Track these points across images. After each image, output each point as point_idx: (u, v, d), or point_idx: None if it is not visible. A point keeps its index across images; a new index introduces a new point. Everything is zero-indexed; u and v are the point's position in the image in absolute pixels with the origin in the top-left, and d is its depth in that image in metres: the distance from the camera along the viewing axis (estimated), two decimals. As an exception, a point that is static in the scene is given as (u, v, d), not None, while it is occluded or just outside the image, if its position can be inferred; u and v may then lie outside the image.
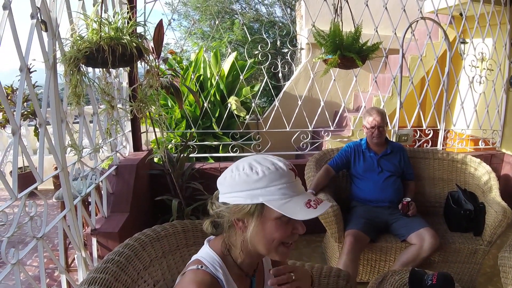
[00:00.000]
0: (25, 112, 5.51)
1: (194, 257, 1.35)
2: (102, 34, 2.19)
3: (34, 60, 2.23)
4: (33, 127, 5.72)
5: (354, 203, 3.34)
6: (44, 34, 2.25)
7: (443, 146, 4.48)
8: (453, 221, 3.20)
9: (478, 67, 4.60)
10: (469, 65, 4.54)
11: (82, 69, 2.27)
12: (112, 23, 2.28)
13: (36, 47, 2.24)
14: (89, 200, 3.07)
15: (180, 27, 13.29)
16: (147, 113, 2.69)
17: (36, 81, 5.58)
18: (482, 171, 3.46)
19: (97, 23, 2.23)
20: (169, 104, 5.92)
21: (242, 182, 1.18)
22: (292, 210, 1.16)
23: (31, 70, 5.23)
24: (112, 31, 2.25)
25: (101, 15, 2.30)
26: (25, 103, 5.56)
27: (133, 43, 2.25)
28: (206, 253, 1.32)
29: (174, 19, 4.66)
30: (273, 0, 12.95)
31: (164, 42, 3.25)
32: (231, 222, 1.25)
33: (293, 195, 1.19)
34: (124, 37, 2.23)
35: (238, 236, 1.27)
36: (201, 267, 1.25)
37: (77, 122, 2.84)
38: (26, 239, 3.92)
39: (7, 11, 1.94)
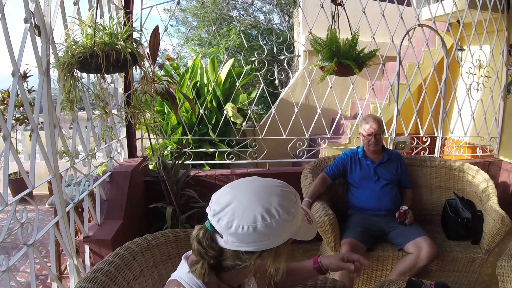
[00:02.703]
0: (21, 117, 5.49)
1: (173, 276, 1.25)
2: (97, 39, 2.17)
3: (27, 65, 2.20)
4: (29, 132, 5.69)
5: (351, 211, 3.31)
6: (38, 38, 2.23)
7: (440, 153, 4.46)
8: (451, 229, 3.17)
9: (475, 74, 4.59)
10: (467, 72, 4.53)
11: (76, 75, 2.25)
12: (106, 28, 2.27)
13: (31, 52, 2.22)
14: (83, 206, 3.03)
15: (177, 33, 13.34)
16: (142, 120, 2.66)
17: (33, 86, 5.56)
18: (480, 179, 3.43)
19: (92, 28, 2.21)
20: (165, 110, 5.90)
21: (281, 228, 1.09)
22: (307, 233, 1.19)
23: (27, 75, 5.24)
24: (107, 36, 2.24)
25: (95, 20, 2.28)
26: (22, 107, 5.54)
27: (128, 49, 2.23)
28: (185, 274, 1.21)
29: (172, 25, 4.67)
30: (271, 7, 12.99)
31: (162, 48, 3.24)
32: (254, 265, 1.14)
33: (297, 216, 1.16)
34: (119, 43, 2.22)
35: (249, 269, 1.16)
36: None
37: (71, 128, 2.81)
38: (20, 245, 3.88)
39: None
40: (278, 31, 12.39)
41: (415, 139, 4.54)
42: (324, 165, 3.59)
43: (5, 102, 5.44)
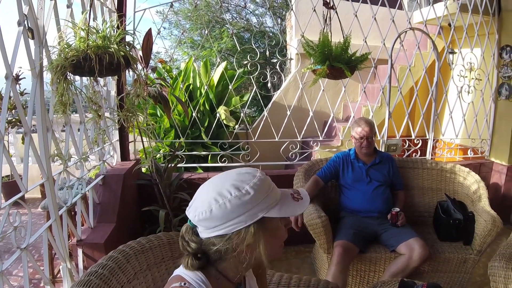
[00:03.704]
0: (13, 120, 5.45)
1: (175, 272, 1.28)
2: (90, 42, 2.18)
3: (20, 67, 2.20)
4: (22, 135, 5.65)
5: (343, 213, 3.32)
6: (31, 41, 2.23)
7: (432, 155, 4.50)
8: (443, 230, 3.19)
9: (466, 77, 4.63)
10: (458, 75, 4.57)
11: (69, 78, 2.25)
12: (100, 31, 2.27)
13: (24, 55, 2.22)
14: (76, 210, 3.02)
15: (170, 36, 13.32)
16: (135, 123, 2.66)
17: (25, 88, 5.53)
18: (471, 180, 3.46)
19: (85, 31, 2.21)
20: (158, 113, 5.89)
21: (236, 206, 1.11)
22: (290, 209, 1.17)
23: (20, 77, 5.21)
24: (100, 39, 2.24)
25: (88, 23, 2.28)
26: (14, 110, 5.51)
27: (121, 52, 2.24)
28: (188, 270, 1.24)
29: (164, 28, 4.67)
30: (264, 10, 13.02)
31: (155, 51, 3.24)
32: (235, 251, 1.17)
33: (280, 196, 1.19)
34: (112, 46, 2.22)
35: (242, 259, 1.18)
36: (184, 284, 1.19)
37: (63, 131, 2.80)
38: (13, 249, 3.85)
39: None
40: (271, 34, 12.42)
41: (407, 141, 4.57)
42: (316, 167, 3.61)
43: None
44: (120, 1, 3.58)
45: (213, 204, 1.11)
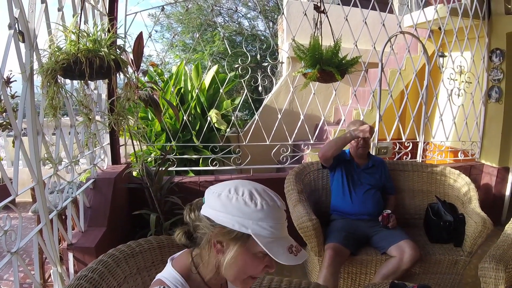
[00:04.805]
0: (4, 123, 5.41)
1: (157, 277, 1.30)
2: (80, 46, 2.17)
3: (11, 71, 2.19)
4: (12, 138, 5.60)
5: (334, 216, 3.33)
6: (22, 44, 2.22)
7: (422, 158, 4.52)
8: (433, 232, 3.21)
9: (456, 80, 4.67)
10: (448, 78, 4.61)
11: (59, 81, 2.24)
12: (90, 35, 2.26)
13: (14, 58, 2.21)
14: (66, 214, 3.00)
15: (162, 39, 13.31)
16: (126, 126, 2.66)
17: (16, 91, 5.49)
18: (461, 183, 3.49)
19: (76, 34, 2.21)
20: (149, 117, 5.89)
21: (237, 207, 1.15)
22: (276, 251, 1.15)
23: (11, 80, 5.16)
24: (90, 43, 2.23)
25: (79, 27, 2.28)
26: (5, 113, 5.46)
27: (111, 56, 2.23)
28: (168, 273, 1.28)
29: (156, 31, 4.67)
30: (256, 13, 13.05)
31: (146, 54, 3.24)
32: (209, 241, 1.21)
33: (279, 236, 1.18)
34: (102, 49, 2.22)
35: (211, 256, 1.23)
36: (163, 287, 1.22)
37: (54, 134, 2.79)
38: (4, 253, 3.82)
39: None
40: (263, 38, 12.45)
41: (398, 144, 4.60)
42: (307, 170, 3.62)
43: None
44: (112, 5, 3.59)
45: (225, 191, 1.18)
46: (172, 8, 12.29)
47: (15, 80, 4.85)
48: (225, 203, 1.16)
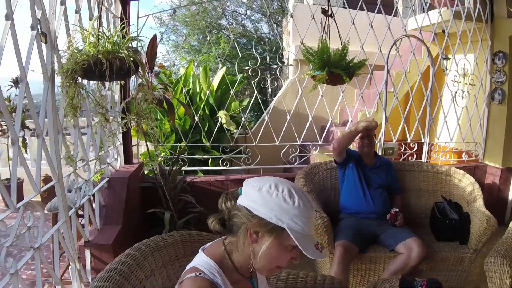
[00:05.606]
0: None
1: (189, 266, 1.38)
2: (100, 47, 2.23)
3: (33, 71, 2.24)
4: (21, 139, 5.59)
5: (342, 215, 3.40)
6: (43, 45, 2.27)
7: (427, 159, 4.58)
8: (439, 231, 3.27)
9: (460, 82, 4.74)
10: (452, 80, 4.68)
11: (78, 81, 2.30)
12: (109, 37, 2.32)
13: (33, 58, 2.26)
14: (80, 212, 3.05)
15: (168, 41, 13.36)
16: (144, 126, 2.71)
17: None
18: (466, 182, 3.55)
19: (95, 36, 2.26)
20: (158, 117, 5.94)
21: (277, 202, 1.25)
22: (305, 246, 1.25)
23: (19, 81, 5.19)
24: (109, 45, 2.29)
25: (98, 29, 2.34)
26: (13, 113, 5.49)
27: (130, 57, 2.29)
28: (202, 261, 1.36)
29: (162, 33, 4.73)
30: (260, 16, 13.11)
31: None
32: (245, 230, 1.30)
33: (308, 234, 1.28)
34: (122, 51, 2.27)
35: (246, 245, 1.31)
36: (199, 274, 1.29)
37: (68, 134, 2.82)
38: (14, 251, 3.86)
39: (9, 21, 1.96)
40: (267, 39, 12.50)
41: (403, 145, 4.66)
42: (316, 170, 3.67)
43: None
44: (124, 8, 3.65)
45: (266, 186, 1.28)
46: (177, 10, 12.36)
47: (27, 81, 4.89)
48: (265, 197, 1.26)
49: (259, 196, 1.27)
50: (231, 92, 4.26)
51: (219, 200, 1.40)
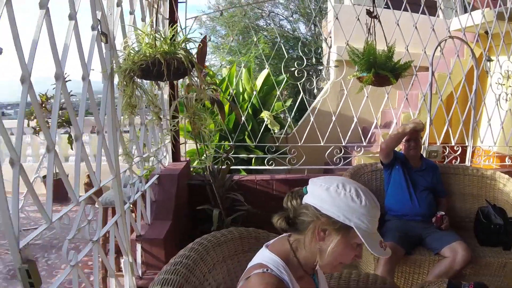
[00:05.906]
0: (59, 121, 5.61)
1: (254, 262, 1.43)
2: (156, 48, 2.30)
3: (93, 70, 2.31)
4: (67, 135, 5.73)
5: (388, 217, 3.40)
6: (102, 45, 2.33)
7: (470, 162, 4.53)
8: (483, 235, 3.24)
9: (504, 84, 4.66)
10: (496, 83, 4.61)
11: (136, 81, 2.38)
12: (165, 38, 2.39)
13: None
14: (134, 207, 3.14)
15: (208, 42, 13.40)
16: (199, 125, 2.78)
17: (71, 90, 5.69)
18: (510, 187, 3.50)
19: (151, 37, 2.34)
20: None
21: (344, 201, 1.29)
22: (371, 244, 1.30)
23: (66, 80, 5.35)
24: (166, 45, 2.36)
25: (155, 30, 2.41)
26: (60, 110, 5.66)
27: (188, 58, 2.36)
28: (268, 257, 1.40)
29: (201, 34, 4.84)
30: (297, 16, 13.11)
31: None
32: (313, 228, 1.34)
33: (373, 232, 1.34)
34: (179, 52, 2.34)
35: (313, 242, 1.35)
36: (267, 270, 1.34)
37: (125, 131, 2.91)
38: (60, 244, 3.94)
39: (73, 21, 2.02)
40: (305, 40, 12.50)
41: (447, 148, 4.62)
42: (362, 171, 3.69)
43: (43, 105, 5.51)
44: (172, 9, 3.74)
45: (334, 185, 1.33)
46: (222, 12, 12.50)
47: (70, 80, 5.07)
48: (333, 196, 1.30)
49: (327, 195, 1.31)
50: (277, 92, 4.30)
51: (284, 198, 1.45)
